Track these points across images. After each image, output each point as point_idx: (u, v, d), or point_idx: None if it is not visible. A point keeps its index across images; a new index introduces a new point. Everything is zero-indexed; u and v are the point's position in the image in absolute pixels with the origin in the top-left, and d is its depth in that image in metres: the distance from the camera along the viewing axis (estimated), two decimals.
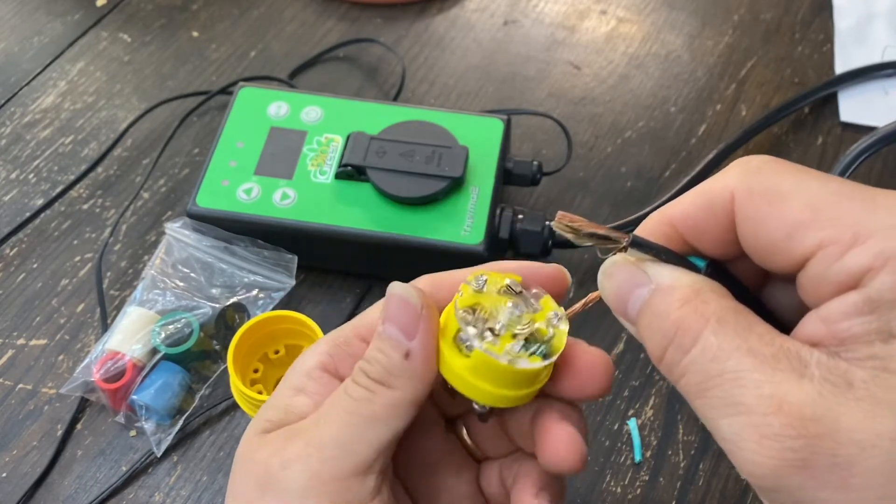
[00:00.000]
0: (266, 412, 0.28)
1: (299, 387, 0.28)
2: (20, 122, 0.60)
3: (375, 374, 0.26)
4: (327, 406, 0.27)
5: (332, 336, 0.29)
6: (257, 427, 0.28)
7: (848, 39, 0.63)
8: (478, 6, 0.66)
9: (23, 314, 0.51)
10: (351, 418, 0.26)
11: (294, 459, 0.26)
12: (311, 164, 0.50)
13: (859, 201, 0.21)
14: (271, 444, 0.27)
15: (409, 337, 0.26)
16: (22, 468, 0.45)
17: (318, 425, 0.26)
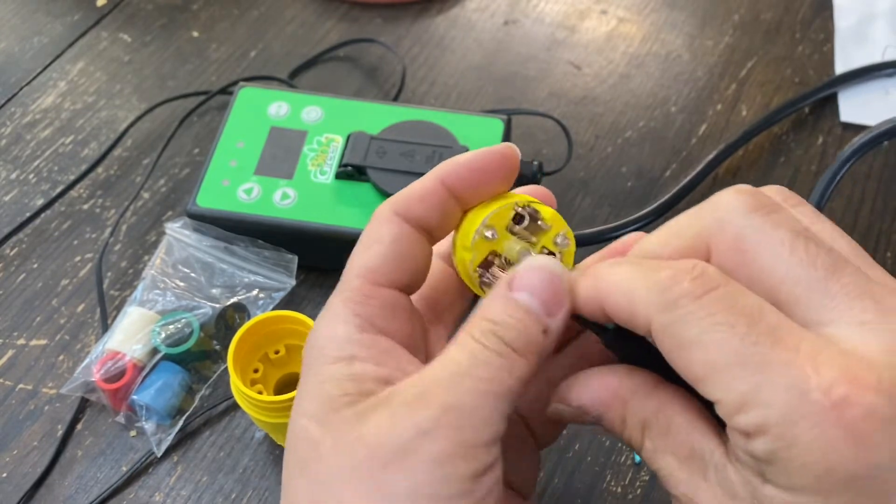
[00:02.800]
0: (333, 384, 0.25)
1: (348, 355, 0.26)
2: (20, 122, 0.60)
3: (516, 344, 0.25)
4: (452, 368, 0.24)
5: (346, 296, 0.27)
6: (334, 402, 0.25)
7: (848, 39, 0.63)
8: (478, 6, 0.66)
9: (23, 314, 0.51)
10: (488, 387, 0.24)
11: (434, 427, 0.23)
12: (312, 164, 0.50)
13: (753, 366, 0.22)
14: (376, 415, 0.24)
15: (549, 314, 0.25)
16: (22, 468, 0.45)
17: (448, 391, 0.24)
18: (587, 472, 0.44)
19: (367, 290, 0.27)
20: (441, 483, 0.23)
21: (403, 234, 0.27)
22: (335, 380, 0.25)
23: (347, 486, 0.23)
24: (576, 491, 0.43)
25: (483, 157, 0.27)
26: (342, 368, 0.25)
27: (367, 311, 0.27)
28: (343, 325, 0.26)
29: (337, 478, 0.24)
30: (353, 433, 0.24)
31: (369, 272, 0.27)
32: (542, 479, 0.44)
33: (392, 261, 0.27)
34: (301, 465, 0.25)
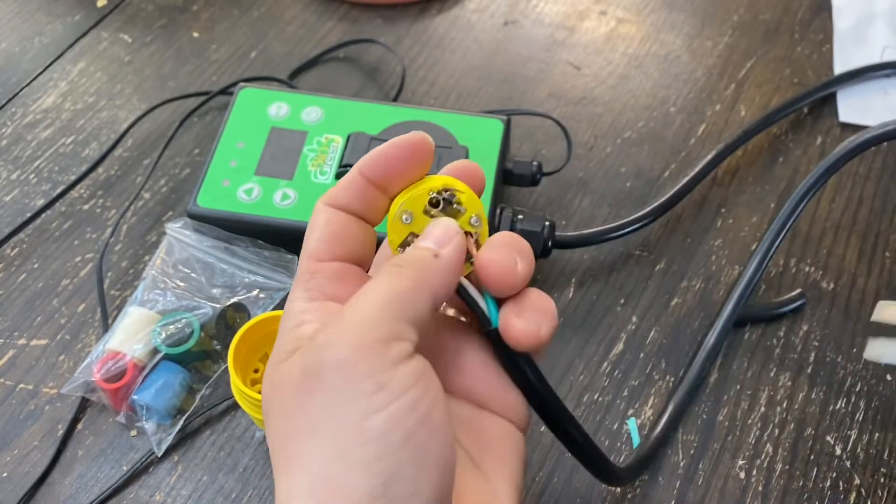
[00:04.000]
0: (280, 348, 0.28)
1: (298, 322, 0.29)
2: (21, 123, 0.60)
3: (404, 262, 0.28)
4: (351, 300, 0.27)
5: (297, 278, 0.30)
6: (278, 359, 0.28)
7: (847, 40, 0.63)
8: (478, 7, 0.66)
9: (24, 314, 0.51)
10: (379, 296, 0.27)
11: (332, 340, 0.26)
12: (312, 165, 0.50)
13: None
14: (300, 354, 0.27)
15: (439, 246, 0.29)
16: (23, 468, 0.45)
17: (345, 314, 0.27)
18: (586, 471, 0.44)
19: (312, 267, 0.30)
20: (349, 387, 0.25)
21: (333, 217, 0.30)
22: (281, 344, 0.28)
23: (290, 420, 0.26)
24: (575, 490, 0.43)
25: (394, 148, 0.30)
26: (289, 333, 0.28)
27: (315, 282, 0.29)
28: (296, 302, 0.29)
29: (283, 417, 0.26)
30: (282, 377, 0.27)
31: (312, 253, 0.30)
32: (542, 478, 0.44)
33: (327, 240, 0.30)
34: (266, 420, 0.28)
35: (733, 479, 0.44)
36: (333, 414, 0.25)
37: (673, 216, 0.54)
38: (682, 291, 0.51)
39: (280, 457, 0.26)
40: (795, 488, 0.43)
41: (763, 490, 0.43)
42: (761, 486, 0.43)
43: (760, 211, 0.54)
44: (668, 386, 0.47)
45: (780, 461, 0.44)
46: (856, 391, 0.47)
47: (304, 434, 0.25)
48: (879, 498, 0.43)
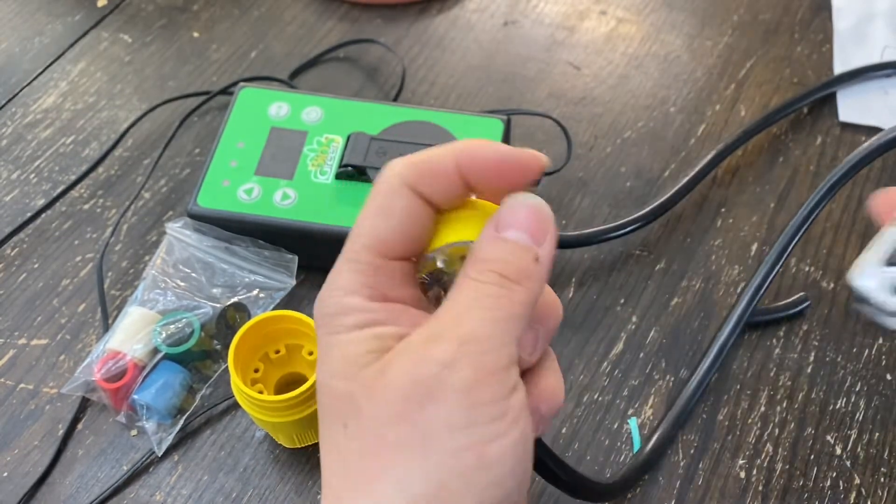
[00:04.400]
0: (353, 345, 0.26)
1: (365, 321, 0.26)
2: (21, 123, 0.60)
3: (513, 275, 0.26)
4: (458, 308, 0.25)
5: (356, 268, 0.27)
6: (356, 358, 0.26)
7: (847, 40, 0.63)
8: (478, 7, 0.66)
9: (24, 314, 0.51)
10: (495, 314, 0.25)
11: (454, 359, 0.24)
12: (312, 165, 0.50)
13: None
14: (398, 361, 0.25)
15: (537, 243, 0.27)
16: (23, 467, 0.45)
17: (459, 326, 0.25)
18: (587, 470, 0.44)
19: (377, 263, 0.27)
20: (472, 410, 0.24)
21: (414, 209, 0.27)
22: (358, 342, 0.26)
23: (391, 430, 0.24)
24: None
25: (510, 158, 0.29)
26: (363, 333, 0.26)
27: (378, 281, 0.27)
28: (356, 298, 0.27)
29: (379, 424, 0.24)
30: (381, 382, 0.25)
31: (380, 244, 0.27)
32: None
33: (401, 235, 0.27)
34: (342, 420, 0.25)
35: (733, 478, 0.44)
36: (451, 434, 0.24)
37: (673, 216, 0.54)
38: (682, 291, 0.51)
39: (359, 463, 0.25)
40: (796, 488, 0.43)
41: (763, 490, 0.43)
42: (761, 485, 0.43)
43: (760, 211, 0.54)
44: (669, 386, 0.47)
45: (780, 461, 0.44)
46: (856, 391, 0.47)
47: (407, 447, 0.24)
48: (879, 498, 0.43)
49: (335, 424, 0.26)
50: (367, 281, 0.27)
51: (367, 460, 0.25)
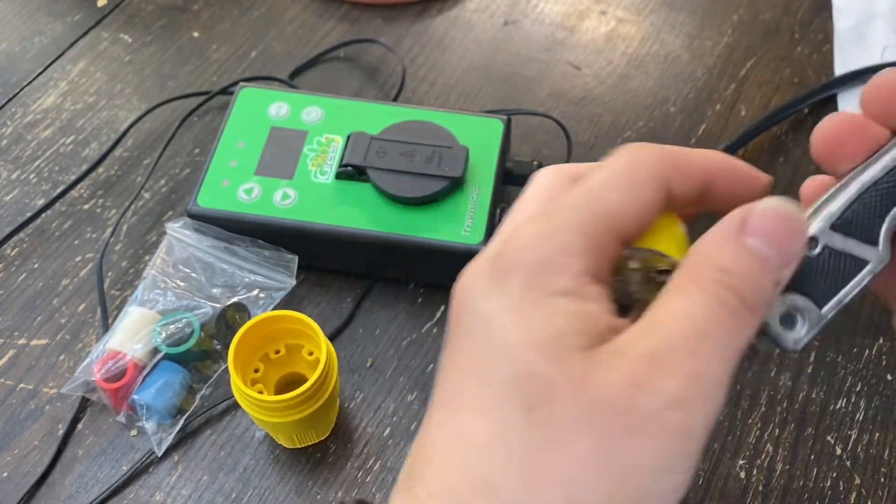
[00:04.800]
0: (558, 322, 0.23)
1: (575, 290, 0.23)
2: (21, 123, 0.60)
3: (751, 299, 0.23)
4: (689, 327, 0.22)
5: (586, 231, 0.24)
6: (563, 341, 0.22)
7: (847, 40, 0.63)
8: (478, 6, 0.66)
9: (24, 314, 0.51)
10: (729, 352, 0.22)
11: (682, 398, 0.21)
12: (312, 165, 0.50)
13: None
14: (614, 366, 0.22)
15: (784, 265, 0.23)
16: (23, 467, 0.45)
17: (693, 356, 0.22)
18: None
19: (604, 239, 0.24)
20: (683, 458, 0.22)
21: (655, 200, 0.25)
22: (567, 314, 0.23)
23: (582, 440, 0.22)
24: None
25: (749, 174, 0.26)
26: (572, 303, 0.23)
27: (600, 255, 0.24)
28: (574, 260, 0.23)
29: (574, 429, 0.22)
30: (588, 381, 0.22)
31: (616, 220, 0.24)
32: None
33: (636, 221, 0.25)
34: (527, 402, 0.22)
35: (733, 478, 0.44)
36: (653, 477, 0.22)
37: None
38: None
39: (532, 457, 0.22)
40: (796, 488, 0.43)
41: (763, 490, 0.43)
42: (762, 485, 0.43)
43: None
44: None
45: (780, 461, 0.44)
46: (856, 391, 0.47)
47: (597, 469, 0.22)
48: (880, 498, 0.43)
49: (516, 402, 0.22)
50: (593, 250, 0.24)
51: (545, 459, 0.22)
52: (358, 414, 0.46)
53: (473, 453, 0.23)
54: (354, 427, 0.46)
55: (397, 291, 0.51)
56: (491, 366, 0.23)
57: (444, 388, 0.25)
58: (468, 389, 0.24)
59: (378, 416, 0.46)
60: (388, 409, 0.46)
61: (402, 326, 0.49)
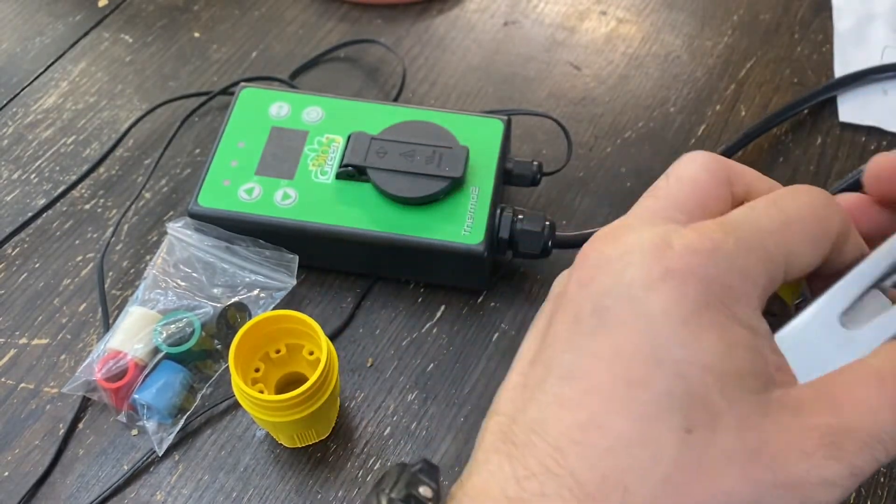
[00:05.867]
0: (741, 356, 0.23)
1: (756, 326, 0.23)
2: (22, 123, 0.60)
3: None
4: (873, 429, 0.22)
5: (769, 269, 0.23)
6: (740, 378, 0.22)
7: (847, 40, 0.63)
8: (478, 7, 0.66)
9: (25, 314, 0.51)
10: (881, 462, 0.23)
11: (838, 481, 0.22)
12: (312, 165, 0.50)
13: None
14: (783, 420, 0.22)
15: None
16: (24, 467, 0.45)
17: (862, 452, 0.22)
18: None
19: (779, 278, 0.24)
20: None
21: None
22: (745, 348, 0.23)
23: (734, 477, 0.22)
24: None
25: None
26: (750, 338, 0.23)
27: (769, 290, 0.24)
28: (754, 288, 0.23)
29: (727, 462, 0.22)
30: (758, 427, 0.22)
31: (791, 267, 0.24)
32: None
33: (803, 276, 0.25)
34: (688, 422, 0.22)
35: None
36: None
37: None
38: None
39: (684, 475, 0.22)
40: None
41: None
42: None
43: None
44: None
45: None
46: None
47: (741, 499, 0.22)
48: (879, 497, 0.43)
49: (676, 417, 0.22)
50: (767, 285, 0.24)
51: (689, 480, 0.22)
52: (358, 413, 0.47)
53: (609, 447, 0.23)
54: (355, 426, 0.46)
55: (397, 291, 0.51)
56: (652, 371, 0.23)
57: (570, 365, 0.24)
58: (611, 382, 0.23)
59: (378, 415, 0.46)
60: (389, 409, 0.47)
61: (402, 326, 0.50)
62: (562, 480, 0.23)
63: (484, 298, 0.51)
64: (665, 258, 0.23)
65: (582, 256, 0.26)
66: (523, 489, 0.23)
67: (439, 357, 0.48)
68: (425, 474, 0.26)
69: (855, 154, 0.56)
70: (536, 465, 0.23)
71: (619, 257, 0.25)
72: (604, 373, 0.23)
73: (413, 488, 0.25)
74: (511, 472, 0.23)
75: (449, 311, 0.50)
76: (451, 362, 0.48)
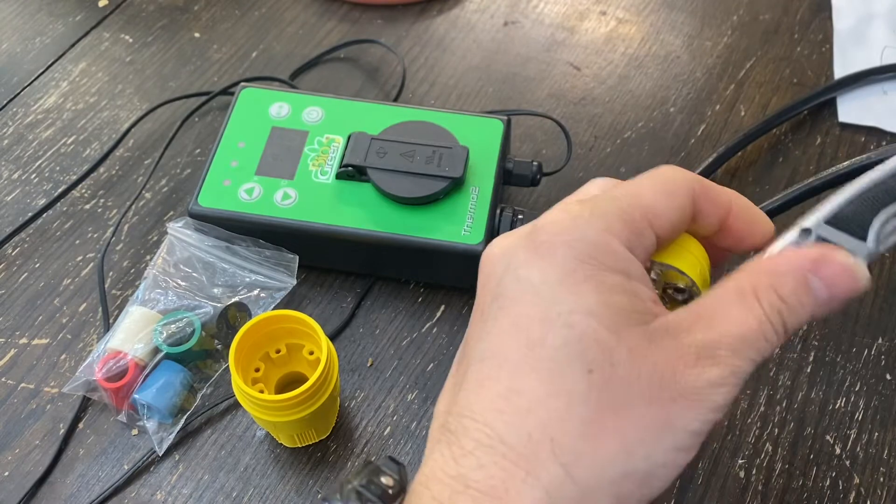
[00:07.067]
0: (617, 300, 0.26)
1: (623, 269, 0.27)
2: (22, 123, 0.60)
3: (790, 328, 0.27)
4: (737, 331, 0.26)
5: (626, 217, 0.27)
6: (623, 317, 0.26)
7: (847, 40, 0.63)
8: (478, 7, 0.66)
9: (25, 313, 0.51)
10: (758, 360, 0.26)
11: (722, 383, 0.26)
12: (313, 165, 0.50)
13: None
14: (666, 344, 0.26)
15: (829, 308, 0.27)
16: (24, 467, 0.45)
17: (735, 355, 0.26)
18: None
19: (643, 230, 0.28)
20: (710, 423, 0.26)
21: (684, 211, 0.29)
22: (621, 292, 0.26)
23: (638, 401, 0.25)
24: None
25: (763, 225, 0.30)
26: (623, 281, 0.26)
27: (636, 242, 0.27)
28: (616, 241, 0.27)
29: (630, 391, 0.25)
30: (646, 353, 0.26)
31: (653, 216, 0.28)
32: None
33: (668, 224, 0.28)
34: (587, 365, 0.25)
35: (733, 478, 0.44)
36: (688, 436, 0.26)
37: None
38: None
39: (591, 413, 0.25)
40: (795, 487, 0.43)
41: (763, 489, 0.43)
42: (761, 485, 0.44)
43: None
44: None
45: (779, 460, 0.44)
46: (855, 391, 0.47)
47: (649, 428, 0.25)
48: (879, 497, 0.43)
49: (576, 363, 0.25)
50: (631, 236, 0.27)
51: (603, 416, 0.25)
52: (358, 413, 0.47)
53: (527, 407, 0.25)
54: (355, 426, 0.46)
55: (397, 291, 0.51)
56: (545, 329, 0.26)
57: (482, 350, 0.27)
58: (516, 350, 0.26)
59: (378, 415, 0.46)
60: (389, 409, 0.47)
61: (402, 326, 0.50)
62: (494, 449, 0.25)
63: None
64: (535, 238, 0.27)
65: (480, 265, 0.30)
66: (461, 466, 0.26)
67: (439, 357, 0.48)
68: (388, 467, 0.28)
69: (854, 154, 0.56)
70: (470, 443, 0.26)
71: (503, 252, 0.28)
72: (508, 345, 0.27)
73: (375, 476, 0.27)
74: (450, 455, 0.26)
75: (449, 311, 0.50)
76: (451, 362, 0.48)
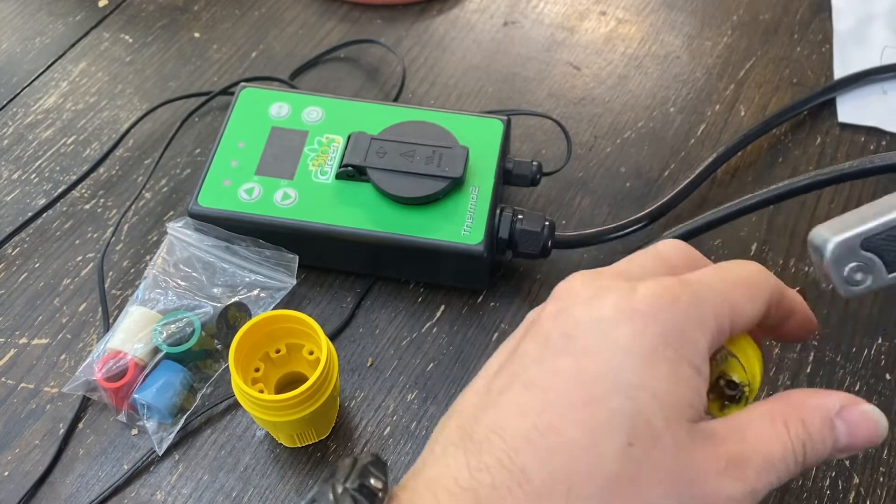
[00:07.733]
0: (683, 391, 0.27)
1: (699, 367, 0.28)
2: (22, 123, 0.60)
3: (809, 463, 0.28)
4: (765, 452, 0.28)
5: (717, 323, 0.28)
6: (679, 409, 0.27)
7: (847, 40, 0.63)
8: (478, 7, 0.66)
9: (25, 313, 0.51)
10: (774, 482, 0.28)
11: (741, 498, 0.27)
12: (312, 165, 0.50)
13: None
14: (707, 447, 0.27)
15: (848, 452, 0.29)
16: (24, 467, 0.45)
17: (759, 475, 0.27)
18: None
19: (727, 328, 0.29)
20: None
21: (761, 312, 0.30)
22: (690, 385, 0.27)
23: (664, 487, 0.26)
24: None
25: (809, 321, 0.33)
26: (693, 376, 0.27)
27: (718, 339, 0.29)
28: (705, 336, 0.28)
29: (658, 474, 0.26)
30: (687, 449, 0.27)
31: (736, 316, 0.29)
32: None
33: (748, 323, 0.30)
34: (628, 436, 0.26)
35: None
36: None
37: (672, 216, 0.54)
38: None
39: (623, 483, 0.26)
40: (794, 487, 0.43)
41: None
42: None
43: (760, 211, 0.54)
44: None
45: None
46: (855, 391, 0.47)
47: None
48: (878, 497, 0.43)
49: (622, 431, 0.26)
50: (716, 334, 0.28)
51: (625, 484, 0.26)
52: (358, 413, 0.47)
53: (559, 449, 0.26)
54: (355, 426, 0.46)
55: (397, 291, 0.51)
56: (609, 393, 0.27)
57: (534, 375, 0.28)
58: (572, 397, 0.27)
59: (378, 415, 0.46)
60: (389, 409, 0.47)
61: (402, 326, 0.50)
62: (512, 475, 0.26)
63: (483, 298, 0.51)
64: (632, 300, 0.28)
65: (558, 291, 0.30)
66: (475, 479, 0.26)
67: (439, 357, 0.48)
68: (375, 467, 0.28)
69: (854, 155, 0.56)
70: (491, 460, 0.26)
71: (593, 296, 0.29)
72: (564, 388, 0.27)
73: (365, 479, 0.28)
74: (465, 464, 0.27)
75: (449, 311, 0.50)
76: (450, 362, 0.48)
